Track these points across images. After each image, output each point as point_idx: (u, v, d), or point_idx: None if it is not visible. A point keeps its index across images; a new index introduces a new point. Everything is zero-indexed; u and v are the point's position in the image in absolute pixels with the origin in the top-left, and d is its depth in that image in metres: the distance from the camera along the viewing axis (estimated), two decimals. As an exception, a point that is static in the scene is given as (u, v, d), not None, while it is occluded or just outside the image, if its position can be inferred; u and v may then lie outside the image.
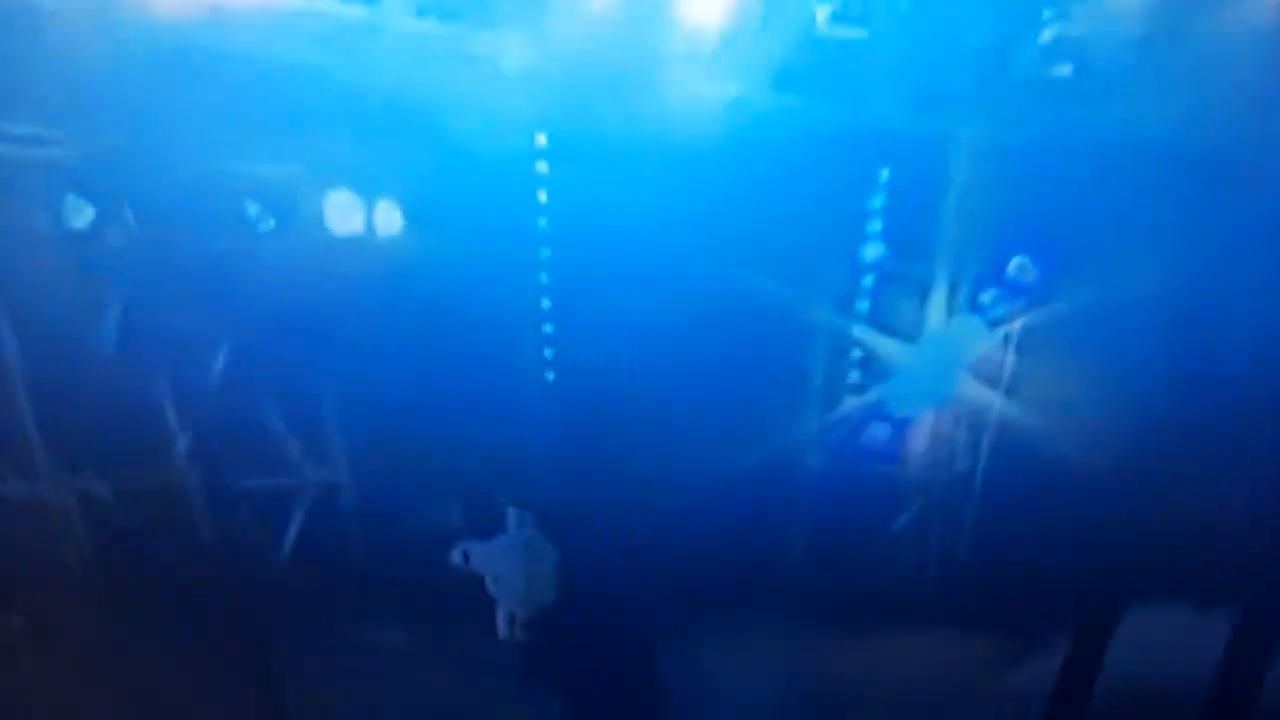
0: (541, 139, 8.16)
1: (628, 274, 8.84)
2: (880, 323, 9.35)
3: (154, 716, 6.98)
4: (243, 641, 9.22)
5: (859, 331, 9.43)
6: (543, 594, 8.35)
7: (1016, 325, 9.29)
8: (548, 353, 9.19)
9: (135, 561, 9.64)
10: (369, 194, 8.13)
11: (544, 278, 8.89)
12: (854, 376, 9.74)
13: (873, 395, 9.75)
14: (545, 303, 9.03)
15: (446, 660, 9.47)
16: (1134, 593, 9.52)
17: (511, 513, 7.94)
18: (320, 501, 9.99)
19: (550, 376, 9.30)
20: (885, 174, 8.33)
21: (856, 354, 9.67)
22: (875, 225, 8.60)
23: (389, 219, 8.23)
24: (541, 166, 8.28)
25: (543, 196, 8.40)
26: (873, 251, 8.80)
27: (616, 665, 8.74)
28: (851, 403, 9.81)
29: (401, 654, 9.77)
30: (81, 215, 7.55)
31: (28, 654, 8.32)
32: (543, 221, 8.52)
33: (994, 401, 9.70)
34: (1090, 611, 9.49)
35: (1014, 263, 8.88)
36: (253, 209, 7.89)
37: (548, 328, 9.17)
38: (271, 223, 7.96)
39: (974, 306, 9.16)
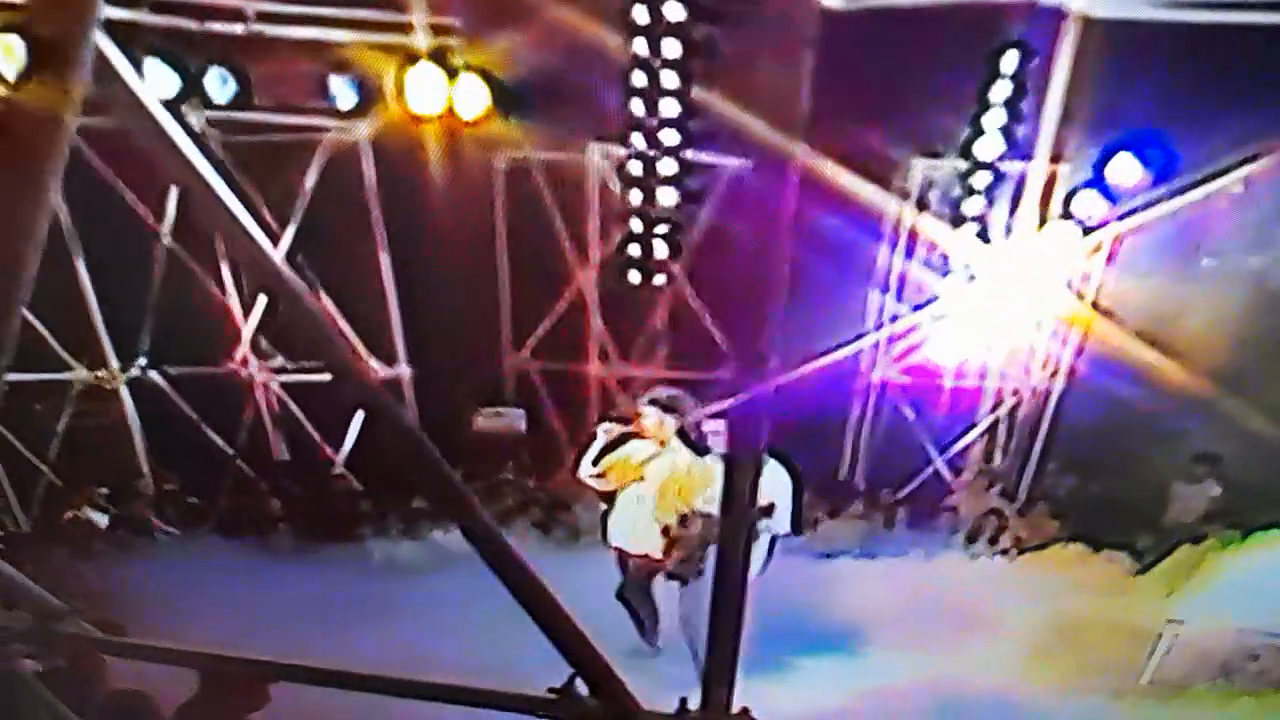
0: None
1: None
2: (964, 220, 8.94)
3: (216, 606, 6.76)
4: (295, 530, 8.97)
5: (947, 231, 9.05)
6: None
7: (1111, 234, 8.91)
8: (633, 250, 8.75)
9: (192, 450, 9.40)
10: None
11: (635, 168, 8.40)
12: (938, 281, 9.42)
13: (954, 301, 9.41)
14: (635, 197, 8.54)
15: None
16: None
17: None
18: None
19: (636, 278, 8.93)
20: (1012, 60, 7.77)
21: (939, 257, 9.35)
22: (995, 118, 8.05)
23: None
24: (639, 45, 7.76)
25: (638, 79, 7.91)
26: (989, 147, 8.28)
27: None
28: (933, 308, 9.50)
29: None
30: (165, 87, 7.09)
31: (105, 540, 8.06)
32: (635, 105, 8.04)
33: (1081, 314, 9.36)
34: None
35: (1115, 163, 8.41)
36: (335, 85, 7.47)
37: (636, 226, 8.70)
38: (354, 99, 7.55)
39: (1068, 211, 8.76)
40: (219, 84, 7.27)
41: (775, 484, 6.38)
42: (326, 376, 2.94)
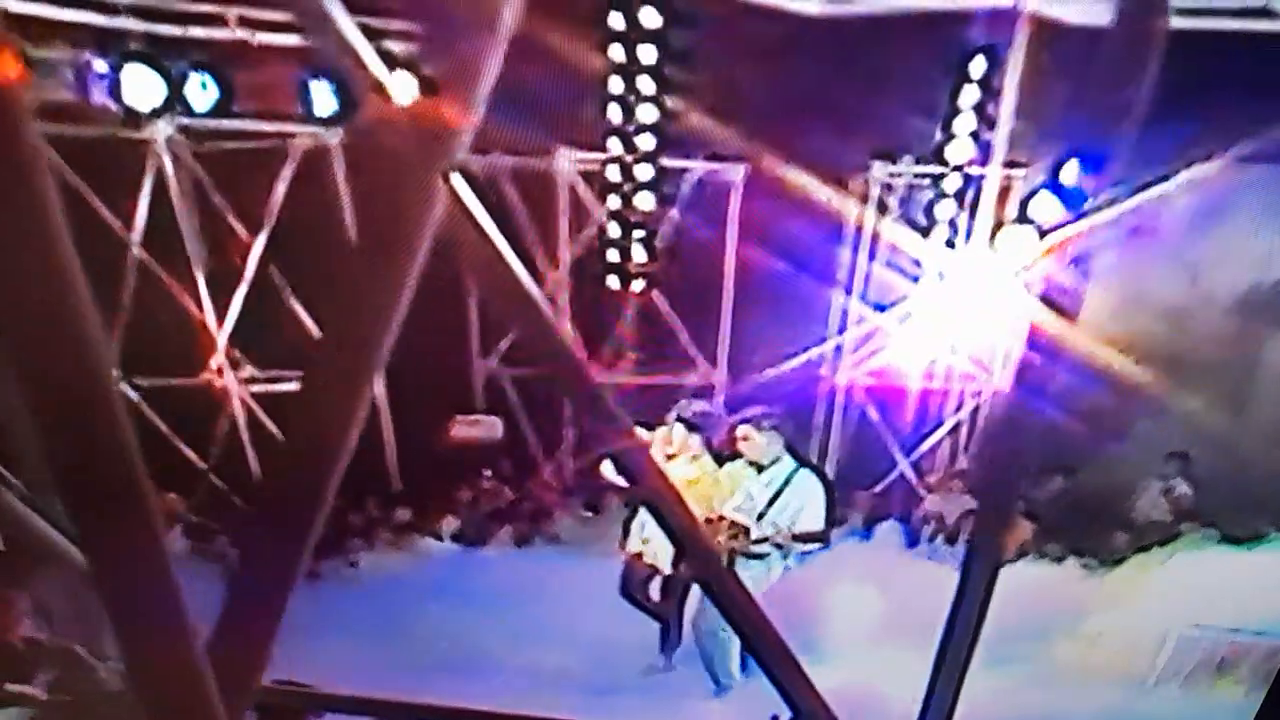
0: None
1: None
2: (932, 224, 9.15)
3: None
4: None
5: (909, 235, 9.26)
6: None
7: (1068, 235, 9.14)
8: (612, 256, 8.82)
9: (170, 465, 9.27)
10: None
11: (613, 173, 8.52)
12: (900, 284, 9.63)
13: (916, 304, 9.61)
14: (613, 202, 8.65)
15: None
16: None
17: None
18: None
19: (615, 283, 8.95)
20: (980, 66, 8.01)
21: (904, 260, 9.56)
22: (966, 123, 8.27)
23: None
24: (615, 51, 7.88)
25: (615, 86, 8.02)
26: (959, 152, 8.50)
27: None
28: (896, 311, 9.70)
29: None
30: (147, 95, 7.05)
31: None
32: (614, 110, 8.15)
33: (1039, 315, 9.59)
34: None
35: (1070, 166, 8.66)
36: (315, 91, 7.49)
37: (614, 228, 8.79)
38: (334, 105, 7.58)
39: (1025, 214, 9.00)
40: (199, 91, 7.23)
41: (807, 492, 6.34)
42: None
